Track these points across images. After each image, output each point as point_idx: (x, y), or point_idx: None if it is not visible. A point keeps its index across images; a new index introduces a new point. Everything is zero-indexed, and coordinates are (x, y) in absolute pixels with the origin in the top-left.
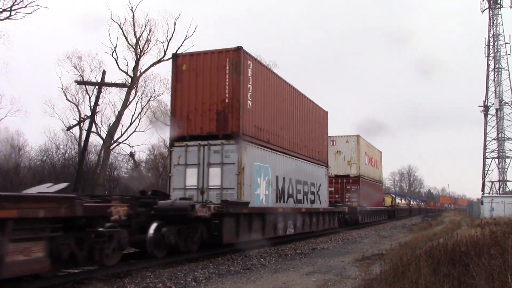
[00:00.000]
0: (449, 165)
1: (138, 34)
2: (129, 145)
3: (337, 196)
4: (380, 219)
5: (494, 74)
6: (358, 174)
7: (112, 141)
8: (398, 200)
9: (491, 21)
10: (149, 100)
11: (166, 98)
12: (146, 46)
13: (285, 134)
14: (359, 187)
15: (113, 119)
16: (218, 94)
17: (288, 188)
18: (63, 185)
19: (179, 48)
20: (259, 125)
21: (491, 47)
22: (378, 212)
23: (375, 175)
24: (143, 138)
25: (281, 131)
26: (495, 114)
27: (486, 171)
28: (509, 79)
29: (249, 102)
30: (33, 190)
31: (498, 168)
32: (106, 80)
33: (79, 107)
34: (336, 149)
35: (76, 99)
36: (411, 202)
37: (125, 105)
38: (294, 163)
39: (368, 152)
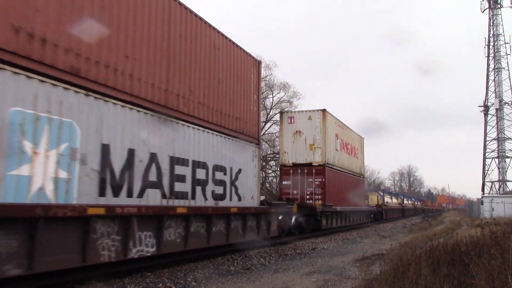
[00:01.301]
0: (449, 165)
1: None
2: None
3: (295, 192)
4: (359, 222)
5: (494, 74)
6: (324, 162)
7: None
8: (387, 199)
9: (491, 21)
10: None
11: None
12: None
13: (140, 72)
14: (325, 180)
15: None
16: None
17: (147, 170)
18: None
19: None
20: (41, 31)
21: (491, 47)
22: (356, 213)
23: (353, 166)
24: None
25: (127, 63)
26: (495, 114)
27: (486, 171)
28: (509, 79)
29: None
30: None
31: (498, 168)
32: None
33: None
34: (295, 129)
35: None
36: (405, 202)
37: None
38: (168, 129)
39: (341, 135)
